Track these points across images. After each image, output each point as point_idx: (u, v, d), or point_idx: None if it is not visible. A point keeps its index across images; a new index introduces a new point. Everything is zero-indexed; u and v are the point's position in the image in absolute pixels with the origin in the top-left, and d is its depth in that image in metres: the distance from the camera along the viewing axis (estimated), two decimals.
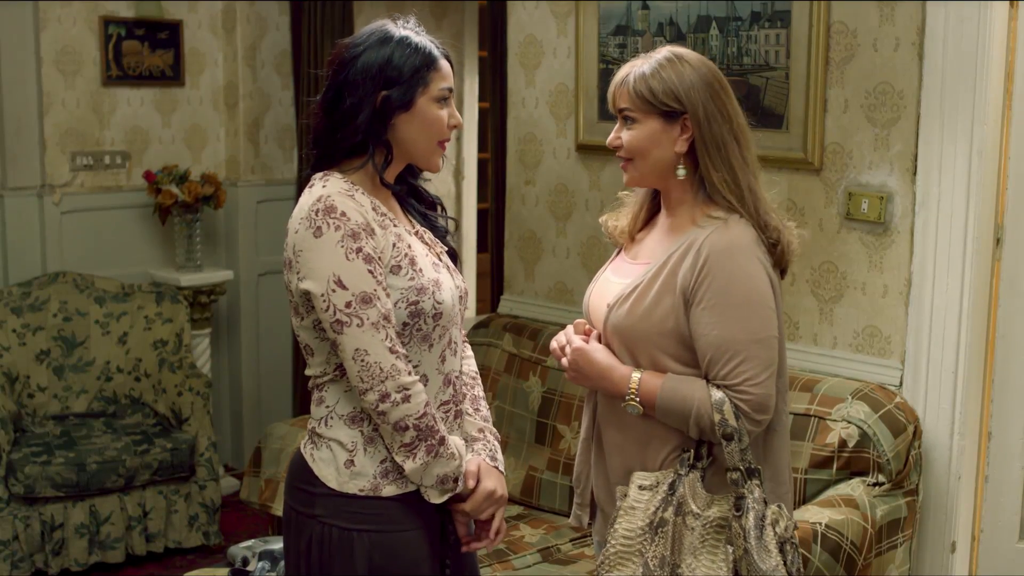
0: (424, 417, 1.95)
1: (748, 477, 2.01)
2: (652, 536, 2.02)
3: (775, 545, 2.00)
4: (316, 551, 2.02)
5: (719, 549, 2.02)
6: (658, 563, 2.01)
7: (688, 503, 2.02)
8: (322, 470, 2.02)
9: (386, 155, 2.02)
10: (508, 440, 3.74)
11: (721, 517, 2.02)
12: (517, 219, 4.22)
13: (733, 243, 2.02)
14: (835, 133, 3.27)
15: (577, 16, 3.88)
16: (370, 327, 1.90)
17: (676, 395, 2.02)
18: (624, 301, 2.09)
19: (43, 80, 4.68)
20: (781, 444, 2.14)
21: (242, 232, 5.19)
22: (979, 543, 3.22)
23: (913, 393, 3.17)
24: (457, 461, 2.01)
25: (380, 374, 1.91)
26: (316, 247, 1.91)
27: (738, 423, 1.99)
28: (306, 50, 4.83)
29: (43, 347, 4.49)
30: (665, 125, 2.07)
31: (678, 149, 2.07)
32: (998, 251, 3.12)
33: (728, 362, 2.00)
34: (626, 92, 2.09)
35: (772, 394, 2.03)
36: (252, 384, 5.30)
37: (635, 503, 2.05)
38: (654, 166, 2.11)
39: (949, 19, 3.02)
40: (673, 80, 2.05)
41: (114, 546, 4.15)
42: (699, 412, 2.00)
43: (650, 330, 2.06)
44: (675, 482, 2.04)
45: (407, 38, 2.01)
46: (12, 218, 4.63)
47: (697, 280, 2.01)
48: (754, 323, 2.00)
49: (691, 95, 2.04)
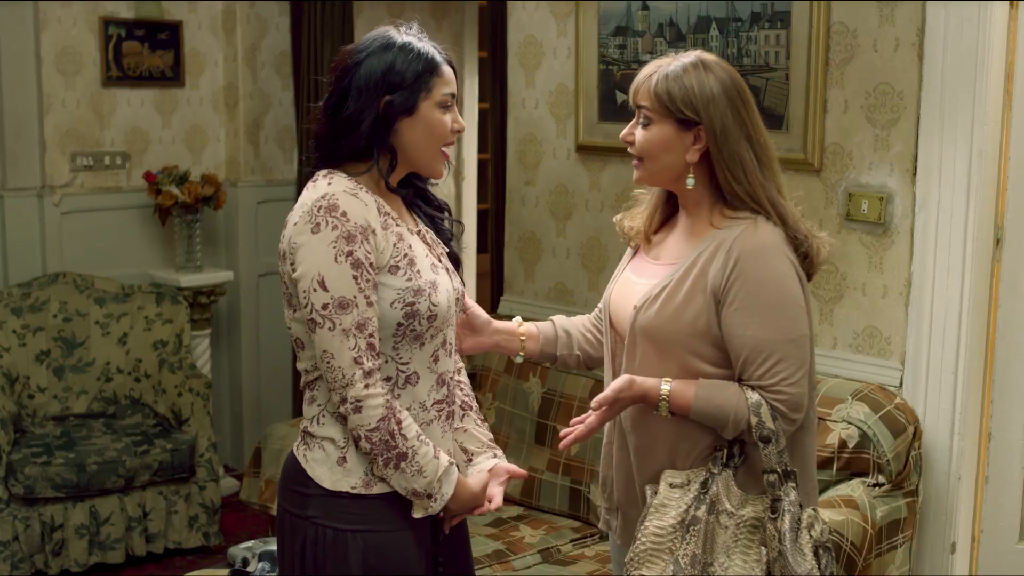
0: (376, 431, 1.94)
1: (784, 479, 2.01)
2: (683, 534, 2.01)
3: (810, 549, 2.00)
4: (310, 553, 2.02)
5: (752, 549, 2.01)
6: (689, 561, 2.00)
7: (722, 501, 2.01)
8: (315, 470, 2.02)
9: (390, 160, 2.03)
10: (508, 441, 3.74)
11: (755, 517, 2.02)
12: (517, 220, 4.22)
13: (764, 244, 2.02)
14: (835, 134, 3.27)
15: (577, 17, 3.88)
16: (340, 332, 1.91)
17: (711, 404, 2.02)
18: (653, 302, 2.08)
19: (43, 81, 4.68)
20: (811, 442, 2.15)
21: (242, 233, 5.19)
22: (979, 544, 3.22)
23: (913, 394, 3.17)
24: (428, 479, 1.99)
25: (342, 379, 1.93)
26: (310, 243, 1.92)
27: (775, 424, 1.99)
28: (306, 51, 4.83)
29: (43, 348, 4.49)
30: (679, 132, 2.06)
31: (689, 158, 2.06)
32: (998, 252, 3.12)
33: (764, 362, 2.00)
34: (647, 90, 2.08)
35: (806, 392, 2.03)
36: (252, 385, 5.30)
37: (666, 501, 2.04)
38: (664, 170, 2.10)
39: (949, 19, 3.02)
40: (694, 88, 2.03)
41: (114, 547, 4.15)
42: (736, 417, 2.00)
43: (680, 331, 2.05)
44: (707, 480, 2.03)
45: (410, 44, 2.02)
46: (12, 219, 4.63)
47: (728, 280, 2.01)
48: (787, 323, 2.00)
49: (709, 108, 2.03)
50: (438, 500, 2.01)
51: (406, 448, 1.96)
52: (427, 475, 1.99)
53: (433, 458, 2.00)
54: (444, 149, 2.07)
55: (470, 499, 2.09)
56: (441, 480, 2.01)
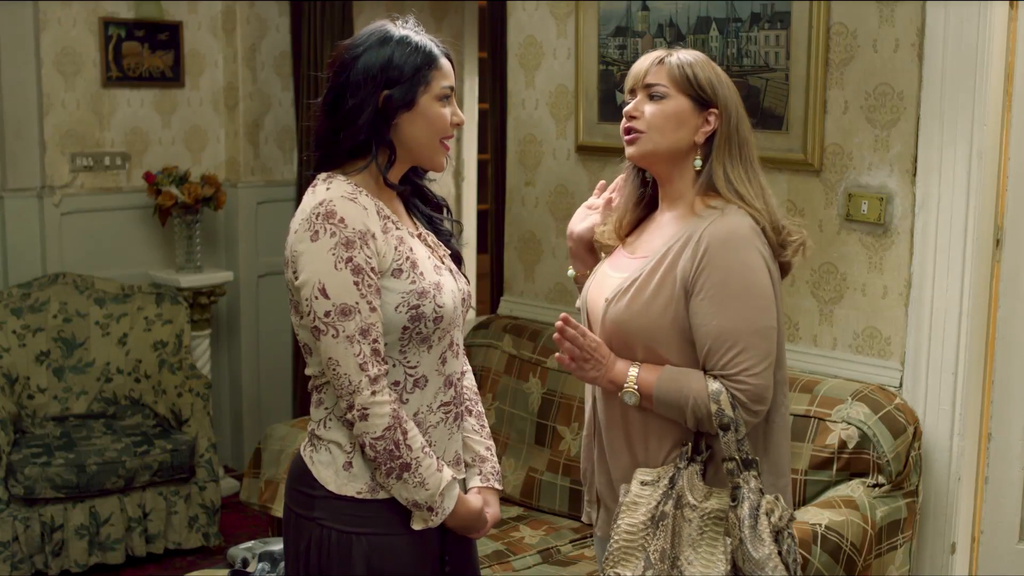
0: (381, 440, 1.94)
1: (744, 467, 2.02)
2: (653, 530, 2.03)
3: (769, 534, 2.00)
4: (315, 554, 2.02)
5: (718, 541, 2.02)
6: (659, 556, 2.01)
7: (686, 495, 2.03)
8: (321, 473, 2.02)
9: (389, 155, 2.02)
10: (508, 441, 3.74)
11: (719, 509, 2.03)
12: (517, 220, 4.22)
13: (732, 233, 2.03)
14: (835, 134, 3.27)
15: (577, 17, 3.88)
16: (344, 340, 1.91)
17: (673, 386, 2.03)
18: (623, 295, 2.09)
19: (43, 81, 4.68)
20: (782, 438, 2.15)
21: (242, 233, 5.19)
22: (979, 544, 3.22)
23: (913, 394, 3.17)
24: (430, 491, 1.98)
25: (348, 386, 1.93)
26: (309, 251, 1.92)
27: (735, 413, 2.00)
28: (306, 51, 4.83)
29: (43, 348, 4.49)
30: (694, 109, 2.10)
31: (697, 139, 2.10)
32: (998, 252, 3.12)
33: (726, 352, 2.01)
34: (665, 70, 2.11)
35: (770, 385, 2.03)
36: (252, 385, 5.30)
37: (637, 498, 2.06)
38: (669, 147, 2.11)
39: (949, 20, 3.02)
40: (712, 75, 2.12)
41: (114, 547, 4.15)
42: (696, 402, 2.01)
43: (649, 324, 2.06)
44: (675, 476, 2.05)
45: (407, 37, 2.01)
46: (12, 219, 4.64)
47: (697, 271, 2.02)
48: (753, 313, 2.01)
49: (726, 93, 2.11)
50: (439, 514, 2.01)
51: (410, 459, 1.96)
52: (429, 488, 1.99)
53: (436, 471, 2.00)
54: (444, 141, 2.06)
55: (468, 517, 2.08)
56: (443, 494, 2.00)
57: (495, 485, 2.19)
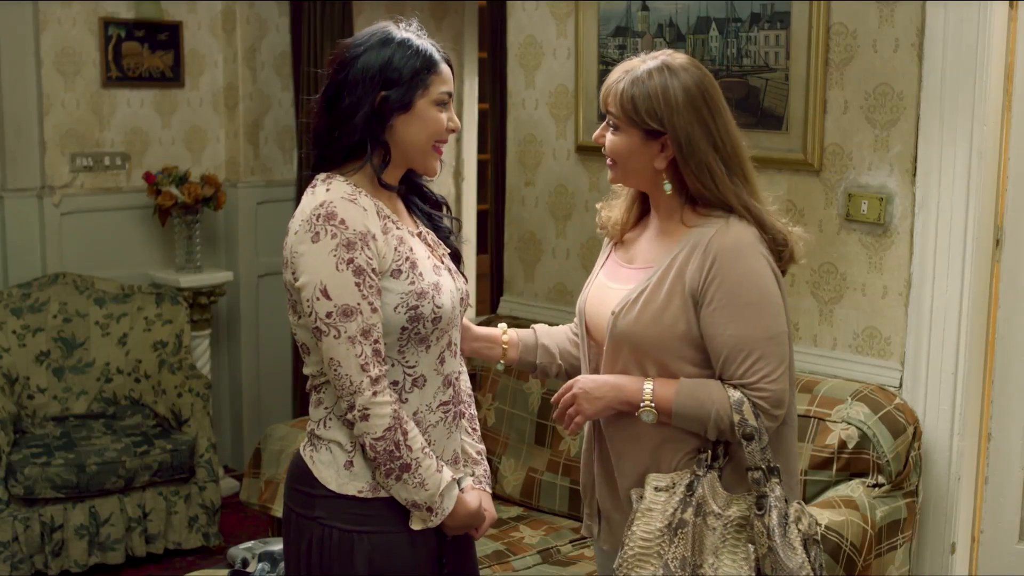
0: (381, 440, 1.94)
1: (769, 475, 2.02)
2: (671, 537, 2.01)
3: (800, 542, 2.00)
4: (316, 553, 2.02)
5: (740, 548, 2.01)
6: (679, 564, 2.00)
7: (708, 503, 2.02)
8: (322, 472, 2.02)
9: (384, 156, 2.02)
10: (508, 441, 3.74)
11: (741, 516, 2.02)
12: (517, 220, 4.22)
13: (740, 242, 2.03)
14: (835, 134, 3.27)
15: (577, 17, 3.88)
16: (346, 340, 1.91)
17: (692, 400, 2.02)
18: (631, 307, 2.07)
19: (43, 81, 4.68)
20: (792, 438, 2.15)
21: (242, 233, 5.19)
22: (979, 544, 3.22)
23: (913, 394, 3.17)
24: (429, 492, 1.99)
25: (349, 387, 1.93)
26: (310, 252, 1.92)
27: (757, 422, 2.00)
28: (306, 51, 4.83)
29: (43, 348, 4.49)
30: (645, 140, 2.06)
31: (657, 165, 2.07)
32: (998, 252, 3.12)
33: (744, 360, 2.00)
34: (615, 97, 2.08)
35: (788, 389, 2.04)
36: (252, 385, 5.30)
37: (652, 505, 2.05)
38: (635, 174, 2.11)
39: (949, 20, 3.02)
40: (658, 98, 2.02)
41: (114, 547, 4.15)
42: (719, 415, 2.01)
43: (662, 335, 2.05)
44: (693, 483, 2.03)
45: (408, 40, 2.02)
46: (12, 219, 4.63)
47: (706, 281, 2.01)
48: (766, 320, 2.01)
49: (673, 119, 2.02)
50: (438, 515, 2.01)
51: (410, 460, 1.96)
52: (429, 488, 1.99)
53: (436, 472, 2.00)
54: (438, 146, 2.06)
55: (467, 517, 2.08)
56: (443, 495, 2.01)
57: (486, 488, 2.19)
